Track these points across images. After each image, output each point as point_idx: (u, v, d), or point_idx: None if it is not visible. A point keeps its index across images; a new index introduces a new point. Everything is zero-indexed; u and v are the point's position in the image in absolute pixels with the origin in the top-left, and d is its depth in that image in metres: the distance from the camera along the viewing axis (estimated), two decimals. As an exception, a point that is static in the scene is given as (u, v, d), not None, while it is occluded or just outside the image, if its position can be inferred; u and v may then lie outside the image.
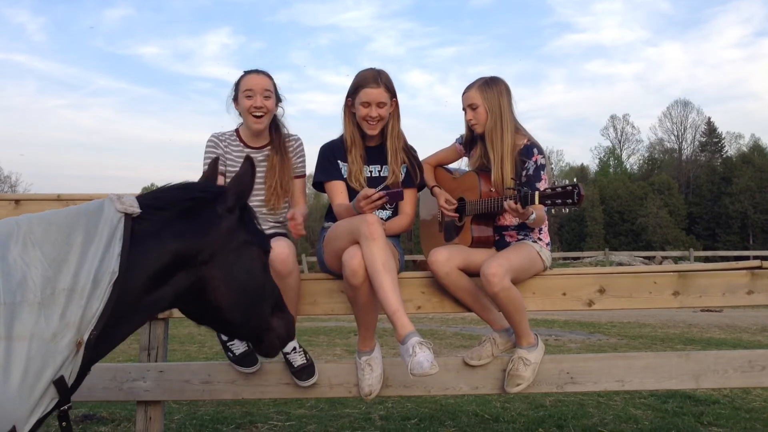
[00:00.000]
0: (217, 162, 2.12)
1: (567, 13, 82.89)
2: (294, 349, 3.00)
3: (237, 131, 3.20)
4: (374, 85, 3.02)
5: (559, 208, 2.64)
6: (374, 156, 3.17)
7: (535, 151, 3.04)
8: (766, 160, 49.14)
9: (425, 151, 3.42)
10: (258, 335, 2.04)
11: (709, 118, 56.12)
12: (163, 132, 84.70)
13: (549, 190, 2.64)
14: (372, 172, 3.17)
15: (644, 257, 25.83)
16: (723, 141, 55.73)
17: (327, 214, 3.22)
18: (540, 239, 3.10)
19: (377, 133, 3.11)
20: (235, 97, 3.15)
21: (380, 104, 3.03)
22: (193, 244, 1.78)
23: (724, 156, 54.45)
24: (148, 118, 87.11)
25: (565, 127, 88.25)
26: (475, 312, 3.06)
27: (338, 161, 3.14)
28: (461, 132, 3.37)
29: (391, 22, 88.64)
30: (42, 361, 1.50)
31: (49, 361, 1.51)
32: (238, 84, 3.13)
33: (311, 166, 3.26)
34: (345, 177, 3.12)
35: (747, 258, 21.29)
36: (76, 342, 1.56)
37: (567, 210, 2.65)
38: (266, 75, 3.13)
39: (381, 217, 2.97)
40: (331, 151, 3.16)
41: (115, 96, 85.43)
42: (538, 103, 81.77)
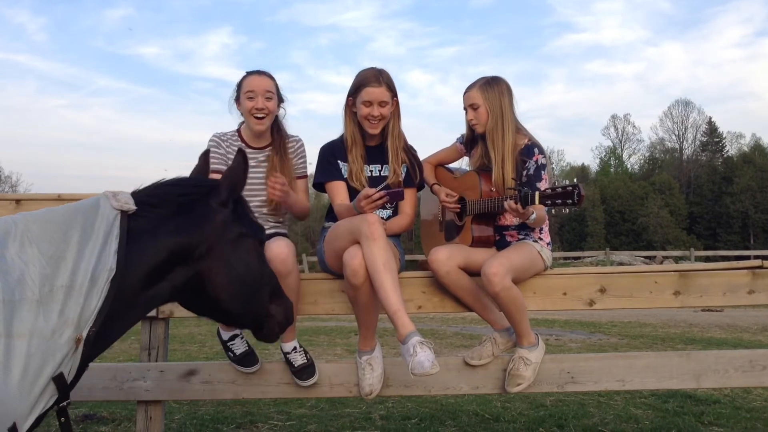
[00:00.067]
0: (207, 155, 2.15)
1: (567, 13, 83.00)
2: (294, 348, 3.00)
3: (239, 131, 3.20)
4: (376, 84, 3.03)
5: (560, 208, 2.63)
6: (374, 155, 3.17)
7: (535, 150, 3.04)
8: (767, 160, 49.09)
9: (425, 150, 3.43)
10: (258, 322, 2.08)
11: (710, 118, 56.17)
12: (164, 132, 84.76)
13: (549, 190, 2.64)
14: (372, 171, 3.17)
15: (645, 257, 25.80)
16: (724, 141, 55.72)
17: (327, 214, 3.22)
18: (541, 239, 3.10)
19: (378, 132, 3.12)
20: (237, 98, 3.15)
21: (382, 103, 3.04)
22: (188, 240, 1.81)
23: (725, 156, 54.42)
24: (149, 118, 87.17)
25: (565, 127, 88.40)
26: (475, 311, 3.06)
27: (338, 161, 3.14)
28: (462, 132, 3.37)
29: (391, 22, 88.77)
30: (42, 358, 1.51)
31: (49, 357, 1.53)
32: (240, 85, 3.13)
33: (311, 167, 3.27)
34: (345, 177, 3.12)
35: (748, 258, 21.23)
36: (75, 339, 1.58)
37: (567, 210, 2.65)
38: (268, 76, 3.13)
39: (381, 217, 2.97)
40: (331, 152, 3.16)
41: (115, 96, 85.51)
42: (538, 102, 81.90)
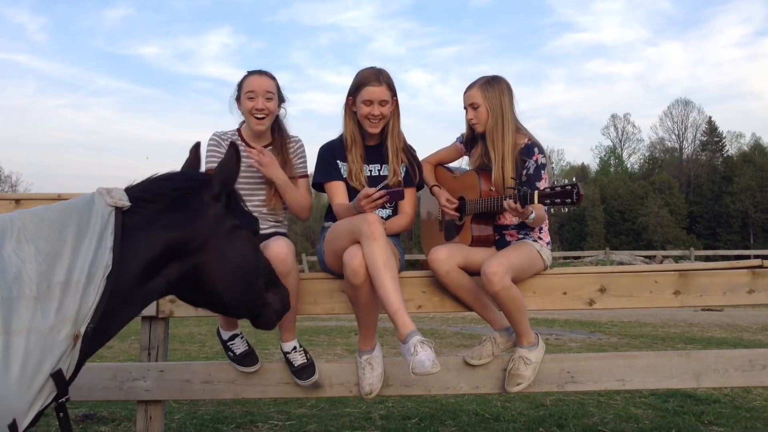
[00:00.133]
0: (198, 147, 2.17)
1: (567, 12, 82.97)
2: (294, 348, 3.00)
3: (239, 130, 3.20)
4: (376, 83, 3.03)
5: (559, 208, 2.64)
6: (374, 155, 3.17)
7: (535, 150, 3.04)
8: (767, 160, 49.09)
9: (425, 150, 3.43)
10: (255, 312, 2.10)
11: (710, 118, 56.15)
12: (163, 132, 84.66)
13: (548, 190, 2.64)
14: (372, 171, 3.17)
15: (645, 256, 25.80)
16: (724, 140, 55.72)
17: (327, 214, 3.22)
18: (540, 238, 3.10)
19: (378, 131, 3.12)
20: (238, 98, 3.14)
21: (382, 102, 3.04)
22: (183, 234, 1.82)
23: (724, 155, 54.42)
24: (149, 118, 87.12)
25: (565, 127, 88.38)
26: (475, 311, 3.06)
27: (337, 161, 3.14)
28: (461, 131, 3.37)
29: (391, 21, 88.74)
30: (40, 355, 1.52)
31: (47, 354, 1.53)
32: (241, 84, 3.13)
33: (311, 167, 3.27)
34: (344, 177, 3.12)
35: (748, 257, 21.19)
36: (73, 335, 1.59)
37: (566, 209, 2.65)
38: (269, 76, 3.13)
39: (381, 217, 2.97)
40: (330, 152, 3.16)
41: (115, 96, 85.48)
42: (538, 102, 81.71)
